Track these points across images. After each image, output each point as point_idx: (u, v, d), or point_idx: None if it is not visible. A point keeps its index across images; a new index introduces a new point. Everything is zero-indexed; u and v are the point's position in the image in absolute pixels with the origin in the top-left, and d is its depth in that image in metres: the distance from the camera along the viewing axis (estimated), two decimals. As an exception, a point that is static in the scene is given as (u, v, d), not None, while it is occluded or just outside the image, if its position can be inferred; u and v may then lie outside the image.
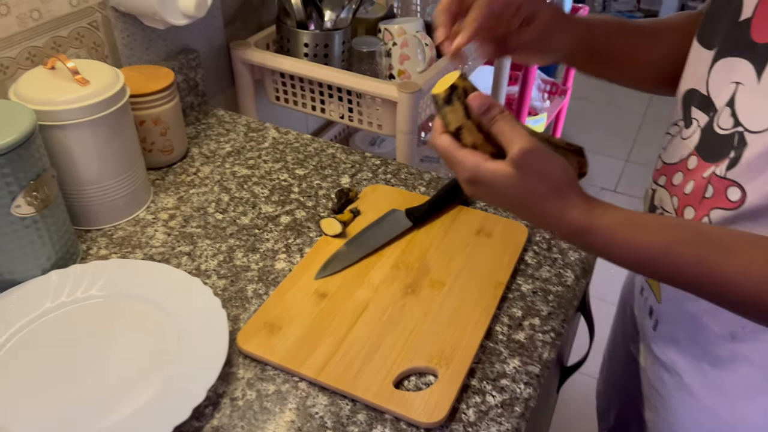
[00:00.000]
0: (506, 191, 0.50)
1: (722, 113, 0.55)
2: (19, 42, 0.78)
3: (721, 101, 0.55)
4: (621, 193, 2.48)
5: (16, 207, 0.64)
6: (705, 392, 0.64)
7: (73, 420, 0.56)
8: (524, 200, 0.51)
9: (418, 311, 0.66)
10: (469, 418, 0.57)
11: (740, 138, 0.52)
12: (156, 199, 0.84)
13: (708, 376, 0.63)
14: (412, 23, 1.13)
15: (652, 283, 0.69)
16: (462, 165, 0.51)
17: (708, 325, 0.61)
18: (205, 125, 0.99)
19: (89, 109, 0.71)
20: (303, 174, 0.88)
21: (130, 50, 0.92)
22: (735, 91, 0.54)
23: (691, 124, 0.60)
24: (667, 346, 0.68)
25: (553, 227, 0.52)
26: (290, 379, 0.61)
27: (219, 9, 1.06)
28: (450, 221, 0.78)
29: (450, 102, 0.51)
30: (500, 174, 0.50)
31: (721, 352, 0.61)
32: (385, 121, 1.03)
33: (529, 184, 0.50)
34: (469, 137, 0.51)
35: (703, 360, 0.63)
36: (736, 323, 0.59)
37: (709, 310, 0.61)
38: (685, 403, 0.66)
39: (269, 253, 0.75)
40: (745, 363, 0.60)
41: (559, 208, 0.50)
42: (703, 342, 0.63)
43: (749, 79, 0.52)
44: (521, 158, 0.49)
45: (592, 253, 0.54)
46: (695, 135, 0.59)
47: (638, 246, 0.51)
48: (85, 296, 0.67)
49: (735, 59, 0.54)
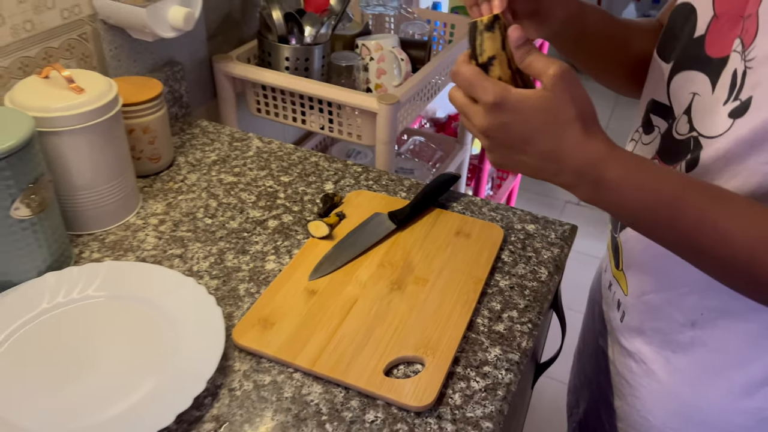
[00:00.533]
0: (532, 115, 0.50)
1: (680, 120, 0.61)
2: (12, 52, 0.80)
3: (680, 109, 0.61)
4: (584, 206, 2.57)
5: (15, 209, 0.66)
6: (669, 378, 0.69)
7: (79, 411, 0.58)
8: (549, 123, 0.50)
9: (404, 306, 0.70)
10: (456, 401, 0.61)
11: (695, 142, 0.58)
12: (145, 205, 0.86)
13: (671, 362, 0.68)
14: (388, 39, 1.18)
15: (619, 277, 0.74)
16: (489, 89, 0.50)
17: (670, 314, 0.66)
18: (189, 135, 1.02)
19: (84, 117, 0.73)
20: (288, 181, 0.92)
21: (118, 62, 0.95)
22: (692, 100, 0.60)
23: (652, 130, 0.66)
24: (633, 336, 0.73)
25: (568, 157, 0.51)
26: (285, 370, 0.64)
27: (202, 23, 1.10)
28: (431, 223, 0.83)
29: (492, 29, 0.51)
30: (531, 96, 0.49)
31: (683, 339, 0.66)
32: (365, 132, 1.08)
33: (560, 106, 0.50)
34: (498, 70, 0.52)
35: (667, 347, 0.68)
36: (696, 311, 0.64)
37: (671, 300, 0.66)
38: (652, 388, 0.71)
39: (259, 255, 0.78)
40: (703, 348, 0.65)
41: (583, 134, 0.50)
42: (666, 330, 0.68)
43: (705, 90, 0.58)
44: (557, 78, 0.49)
45: (595, 197, 0.53)
46: (656, 140, 0.65)
47: (650, 185, 0.51)
48: (81, 297, 0.69)
49: (692, 72, 0.60)
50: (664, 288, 0.67)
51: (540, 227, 0.85)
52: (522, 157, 0.52)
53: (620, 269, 0.73)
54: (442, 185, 0.88)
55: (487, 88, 0.50)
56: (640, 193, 0.52)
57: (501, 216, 0.87)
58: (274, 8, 1.08)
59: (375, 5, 1.30)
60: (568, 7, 0.65)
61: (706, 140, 0.57)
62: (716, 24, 0.58)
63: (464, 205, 0.89)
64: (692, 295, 0.64)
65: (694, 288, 0.63)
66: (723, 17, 0.57)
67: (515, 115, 0.50)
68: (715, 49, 0.58)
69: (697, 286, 0.63)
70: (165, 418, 0.56)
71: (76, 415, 0.57)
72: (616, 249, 0.73)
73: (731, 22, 0.56)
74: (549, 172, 0.53)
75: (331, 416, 0.59)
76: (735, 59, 0.54)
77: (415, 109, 1.15)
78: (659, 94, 0.65)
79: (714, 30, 0.58)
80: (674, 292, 0.65)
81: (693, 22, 0.61)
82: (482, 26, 0.52)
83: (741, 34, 0.54)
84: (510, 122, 0.50)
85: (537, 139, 0.51)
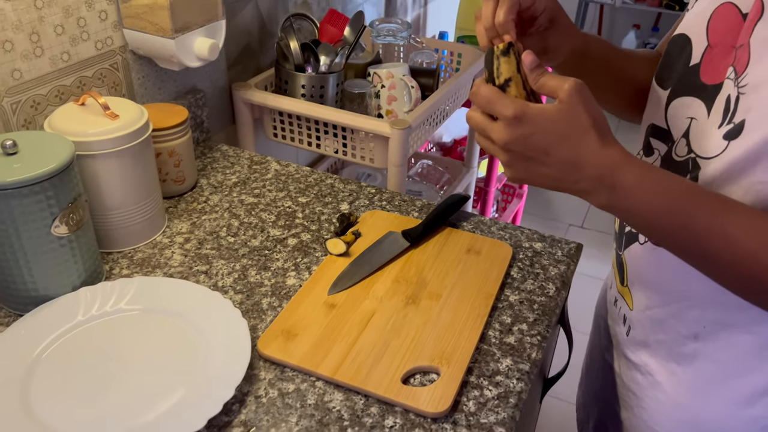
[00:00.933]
0: (550, 126, 0.53)
1: (678, 143, 0.65)
2: (49, 81, 0.85)
3: (678, 133, 0.66)
4: (587, 229, 2.61)
5: (55, 227, 0.70)
6: (674, 389, 0.72)
7: (115, 416, 0.61)
8: (567, 132, 0.53)
9: (418, 319, 0.74)
10: (470, 408, 0.65)
11: (694, 163, 0.62)
12: (171, 224, 0.90)
13: (676, 374, 0.71)
14: (399, 68, 1.24)
15: (624, 293, 0.77)
16: (509, 104, 0.53)
17: (674, 327, 0.70)
18: (210, 159, 1.07)
19: (118, 141, 0.78)
20: (305, 201, 0.96)
21: (144, 89, 1.00)
22: (689, 124, 0.64)
23: (653, 153, 0.70)
24: (638, 349, 0.76)
25: (587, 164, 0.54)
26: (308, 378, 0.67)
27: (223, 53, 1.15)
28: (443, 241, 0.87)
29: (507, 54, 0.57)
30: (548, 108, 0.53)
31: (686, 351, 0.69)
32: (377, 155, 1.12)
33: (576, 116, 0.53)
34: (514, 90, 0.56)
35: (671, 360, 0.71)
36: (698, 324, 0.67)
37: (674, 313, 0.69)
38: (658, 399, 0.74)
39: (280, 271, 0.82)
40: (707, 360, 0.68)
41: (599, 142, 0.53)
42: (670, 343, 0.71)
43: (701, 114, 0.62)
44: (572, 91, 0.53)
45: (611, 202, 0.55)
46: (657, 162, 0.69)
47: (663, 190, 0.54)
48: (113, 310, 0.73)
49: (689, 98, 0.64)
50: (667, 302, 0.70)
51: (547, 245, 0.89)
52: (542, 169, 0.55)
53: (625, 285, 0.76)
54: (453, 205, 0.92)
55: (507, 104, 0.54)
56: (654, 197, 0.54)
57: (509, 235, 0.91)
58: (291, 39, 1.14)
59: (385, 36, 1.36)
60: (574, 40, 0.70)
61: (704, 161, 0.61)
62: (710, 53, 0.62)
63: (474, 224, 0.93)
64: (694, 309, 0.67)
65: (695, 302, 0.66)
66: (716, 47, 0.62)
67: (535, 126, 0.53)
68: (710, 76, 0.62)
69: (698, 300, 0.66)
70: (197, 423, 0.59)
71: (112, 420, 0.61)
72: (621, 266, 0.76)
73: (724, 51, 0.60)
74: (568, 180, 0.55)
75: (353, 422, 0.63)
76: (728, 86, 0.58)
77: (424, 133, 1.20)
78: (658, 118, 0.69)
79: (708, 59, 0.62)
80: (677, 306, 0.69)
81: (688, 51, 0.65)
82: (498, 51, 0.57)
83: (734, 63, 0.58)
84: (530, 134, 0.53)
85: (556, 149, 0.53)
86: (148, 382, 0.65)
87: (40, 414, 0.61)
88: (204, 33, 0.96)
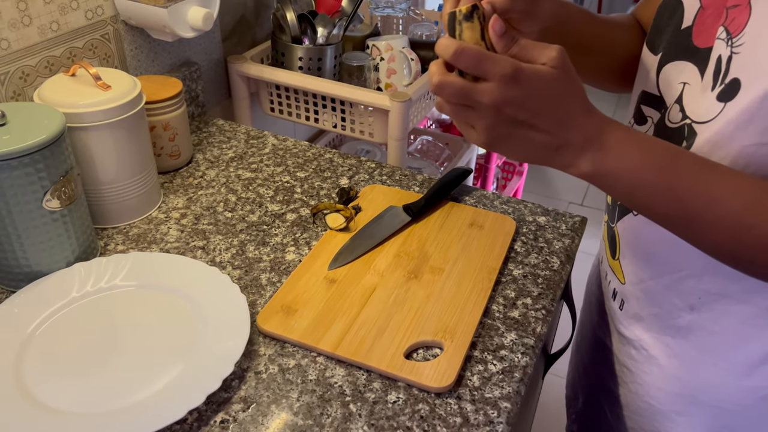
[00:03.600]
0: (545, 88, 0.50)
1: (672, 109, 0.63)
2: (39, 51, 0.82)
3: (671, 99, 0.63)
4: (587, 207, 2.59)
5: (47, 201, 0.68)
6: (670, 362, 0.71)
7: (111, 393, 0.60)
8: (561, 95, 0.51)
9: (421, 294, 0.73)
10: (474, 383, 0.63)
11: (689, 129, 0.60)
12: (166, 200, 0.88)
13: (671, 347, 0.70)
14: (398, 40, 1.21)
15: (615, 267, 0.76)
16: (502, 61, 0.49)
17: (669, 299, 0.68)
18: (206, 133, 1.05)
19: (110, 113, 0.76)
20: (304, 176, 0.94)
21: (137, 61, 0.98)
22: (682, 89, 0.62)
23: (645, 121, 0.68)
24: (632, 323, 0.75)
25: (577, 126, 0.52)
26: (308, 354, 0.66)
27: (217, 25, 1.12)
28: (444, 215, 0.85)
29: (470, 18, 0.51)
30: (542, 70, 0.50)
31: (681, 324, 0.68)
32: (377, 129, 1.10)
33: (568, 81, 0.51)
34: None
35: (666, 333, 0.70)
36: (693, 295, 0.66)
37: (669, 285, 0.68)
38: (653, 373, 0.73)
39: (279, 246, 0.80)
40: (703, 331, 0.67)
41: (586, 106, 0.52)
42: (664, 316, 0.70)
43: (694, 78, 0.60)
44: (562, 56, 0.50)
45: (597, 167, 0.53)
46: (650, 130, 0.67)
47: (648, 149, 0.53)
48: (108, 286, 0.72)
49: (681, 62, 0.62)
50: (661, 274, 0.68)
51: (551, 219, 0.87)
52: (528, 133, 0.51)
53: (616, 259, 0.75)
54: (455, 179, 0.90)
55: (500, 60, 0.48)
56: (640, 155, 0.52)
57: (512, 208, 0.89)
58: (287, 10, 1.11)
59: (384, 7, 1.33)
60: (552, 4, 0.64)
61: (699, 126, 0.59)
62: (702, 15, 0.60)
63: (476, 198, 0.91)
64: (689, 279, 0.66)
65: (690, 272, 0.65)
66: (709, 8, 0.59)
67: (530, 87, 0.49)
68: (702, 39, 0.60)
69: (693, 270, 0.65)
70: (196, 399, 0.58)
71: (108, 397, 0.60)
72: (613, 239, 0.75)
73: (716, 12, 0.58)
74: (552, 146, 0.52)
75: (355, 397, 0.62)
76: (720, 46, 0.56)
77: (424, 107, 1.17)
78: (649, 85, 0.67)
79: (700, 21, 0.60)
80: (671, 278, 0.67)
81: (680, 14, 0.63)
82: (461, 16, 0.51)
83: (725, 23, 0.56)
84: (525, 95, 0.50)
85: (549, 111, 0.51)
86: (145, 359, 0.64)
87: (35, 392, 0.60)
88: (198, 2, 0.93)
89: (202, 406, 0.60)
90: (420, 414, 0.60)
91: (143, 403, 0.59)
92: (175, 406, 0.58)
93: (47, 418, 0.57)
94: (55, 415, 0.58)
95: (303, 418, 0.60)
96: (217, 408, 0.60)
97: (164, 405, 0.58)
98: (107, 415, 0.58)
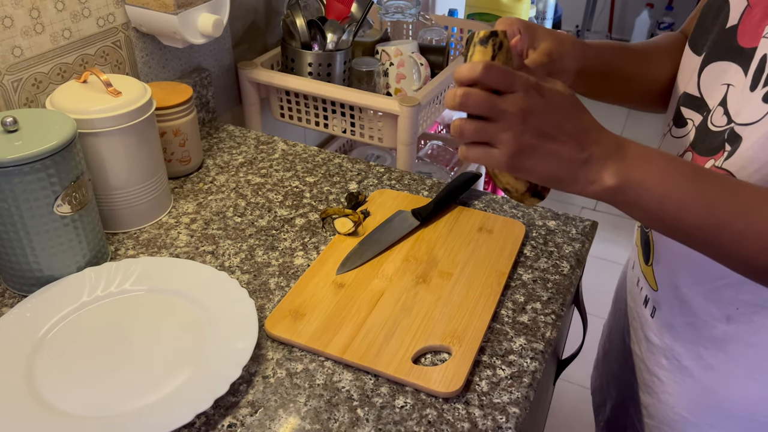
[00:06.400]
0: (565, 102, 0.52)
1: (715, 112, 0.62)
2: (51, 58, 0.83)
3: (714, 101, 0.62)
4: (600, 211, 2.57)
5: (58, 206, 0.69)
6: (704, 373, 0.68)
7: (120, 396, 0.60)
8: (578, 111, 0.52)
9: (429, 298, 0.72)
10: (483, 388, 0.63)
11: (732, 133, 0.58)
12: (176, 205, 0.89)
13: (705, 358, 0.68)
14: (407, 45, 1.21)
15: (647, 273, 0.74)
16: (525, 76, 0.51)
17: (705, 308, 0.66)
18: (216, 139, 1.05)
19: (121, 118, 0.77)
20: (313, 181, 0.95)
21: (149, 68, 0.98)
22: (726, 91, 0.60)
23: (685, 123, 0.67)
24: (663, 332, 0.72)
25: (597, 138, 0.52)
26: (316, 359, 0.66)
27: (228, 32, 1.13)
28: (453, 220, 0.85)
29: (485, 43, 0.52)
30: (560, 87, 0.52)
31: (716, 334, 0.65)
32: (386, 134, 1.10)
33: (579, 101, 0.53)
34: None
35: (699, 343, 0.68)
36: (731, 305, 0.63)
37: (705, 293, 0.65)
38: (684, 384, 0.70)
39: (287, 251, 0.80)
40: (739, 343, 0.64)
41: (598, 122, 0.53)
42: (699, 325, 0.67)
43: (738, 80, 0.59)
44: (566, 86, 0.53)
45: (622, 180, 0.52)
46: (691, 133, 0.65)
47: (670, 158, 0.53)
48: (119, 290, 0.72)
49: (724, 63, 0.61)
50: (698, 281, 0.66)
51: (561, 223, 0.87)
52: (553, 146, 0.51)
53: (650, 264, 0.73)
54: (464, 184, 0.90)
55: (520, 76, 0.50)
56: (666, 165, 0.52)
57: (522, 213, 0.88)
58: (297, 16, 1.11)
59: (394, 12, 1.33)
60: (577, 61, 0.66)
61: (744, 128, 0.57)
62: (749, 14, 0.59)
63: (485, 202, 0.91)
64: (728, 289, 0.63)
65: (729, 281, 0.62)
66: (756, 6, 0.58)
67: (552, 98, 0.51)
68: (748, 38, 0.59)
69: (733, 278, 0.61)
70: (203, 403, 0.58)
71: (117, 400, 0.60)
72: (647, 244, 0.73)
73: (765, 11, 0.57)
74: (579, 160, 0.51)
75: (362, 402, 0.61)
76: (765, 45, 0.55)
77: (434, 112, 1.17)
78: (690, 86, 0.66)
79: (747, 20, 0.59)
80: (710, 286, 0.65)
81: (726, 13, 0.62)
82: (477, 39, 0.53)
83: None
84: (548, 106, 0.51)
85: (571, 123, 0.51)
86: (154, 363, 0.64)
87: (45, 395, 0.60)
88: (208, 9, 0.93)
89: (210, 410, 0.60)
90: (428, 419, 0.60)
91: (151, 406, 0.59)
92: (183, 410, 0.58)
93: (57, 421, 0.58)
94: (65, 418, 0.58)
95: (310, 422, 0.59)
96: (225, 412, 0.60)
97: (172, 409, 0.58)
98: (116, 418, 0.58)
